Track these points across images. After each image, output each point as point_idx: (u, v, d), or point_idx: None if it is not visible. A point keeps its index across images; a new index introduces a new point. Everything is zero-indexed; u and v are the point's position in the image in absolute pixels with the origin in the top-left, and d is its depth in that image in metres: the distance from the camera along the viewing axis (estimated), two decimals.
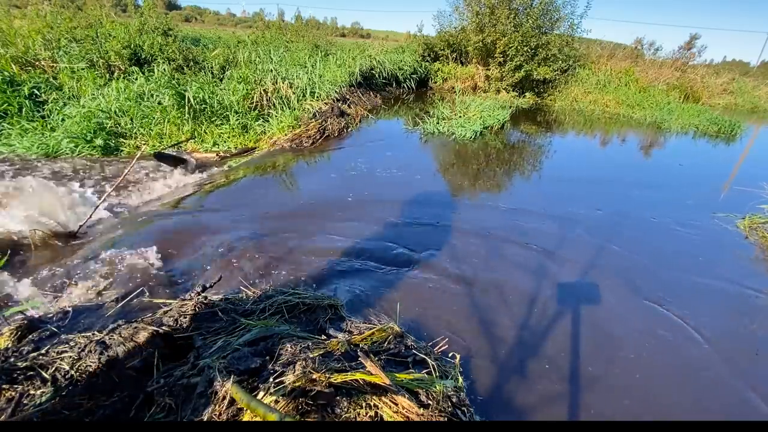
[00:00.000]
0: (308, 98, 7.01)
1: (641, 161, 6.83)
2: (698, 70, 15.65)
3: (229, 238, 3.12)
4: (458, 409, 1.54)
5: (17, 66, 5.81)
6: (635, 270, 3.12)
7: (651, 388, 2.03)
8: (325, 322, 2.11)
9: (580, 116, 10.65)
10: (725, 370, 2.20)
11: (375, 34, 49.88)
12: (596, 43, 15.57)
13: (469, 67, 12.95)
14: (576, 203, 4.39)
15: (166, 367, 1.61)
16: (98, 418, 1.34)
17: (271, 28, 13.21)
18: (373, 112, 8.66)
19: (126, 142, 5.22)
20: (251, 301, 2.19)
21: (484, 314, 2.47)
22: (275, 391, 1.31)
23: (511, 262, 3.09)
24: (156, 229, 3.18)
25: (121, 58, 6.53)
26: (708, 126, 10.17)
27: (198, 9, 58.85)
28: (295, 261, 2.88)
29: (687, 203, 4.74)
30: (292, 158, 5.42)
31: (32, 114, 5.32)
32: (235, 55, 8.09)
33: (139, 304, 2.27)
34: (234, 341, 1.73)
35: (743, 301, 2.88)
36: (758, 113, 15.36)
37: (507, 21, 11.24)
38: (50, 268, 2.62)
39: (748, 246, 3.74)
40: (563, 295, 2.72)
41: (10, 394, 1.29)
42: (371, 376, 1.40)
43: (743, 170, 6.63)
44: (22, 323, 1.83)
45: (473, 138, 7.00)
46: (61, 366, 1.43)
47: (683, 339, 2.41)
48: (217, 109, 5.95)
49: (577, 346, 2.26)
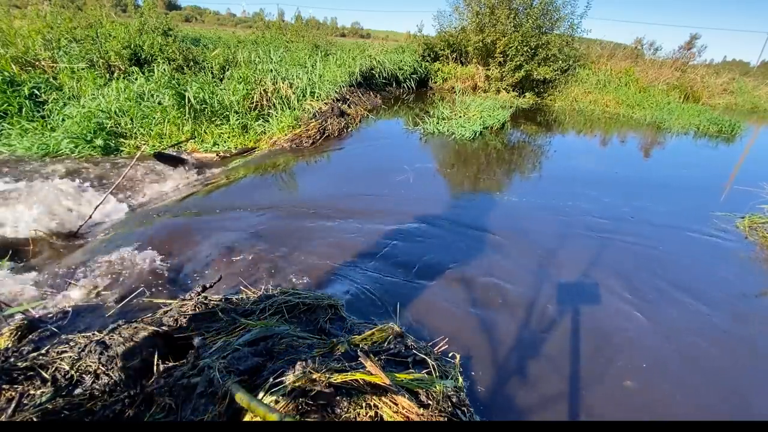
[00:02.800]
0: (308, 98, 7.01)
1: (641, 161, 6.83)
2: (698, 70, 15.62)
3: (230, 238, 3.12)
4: (458, 409, 1.54)
5: (17, 66, 5.81)
6: (634, 270, 3.12)
7: (651, 388, 2.03)
8: (325, 322, 2.11)
9: (580, 116, 10.65)
10: (725, 370, 2.20)
11: (375, 34, 49.91)
12: (596, 43, 15.56)
13: (469, 67, 12.94)
14: (576, 203, 4.39)
15: (166, 367, 1.61)
16: (98, 418, 1.34)
17: (271, 28, 13.22)
18: (373, 112, 8.66)
19: (126, 142, 5.22)
20: (251, 301, 2.20)
21: (484, 314, 2.47)
22: (275, 391, 1.31)
23: (511, 262, 3.09)
24: (156, 229, 3.18)
25: (121, 58, 6.53)
26: (708, 126, 10.17)
27: (198, 9, 58.91)
28: (295, 261, 2.88)
29: (687, 203, 4.74)
30: (292, 158, 5.42)
31: (32, 114, 5.32)
32: (235, 55, 8.09)
33: (139, 304, 2.27)
34: (234, 341, 1.73)
35: (743, 302, 2.88)
36: (758, 113, 15.35)
37: (507, 21, 11.24)
38: (50, 268, 2.63)
39: (748, 246, 3.74)
40: (563, 295, 2.72)
41: (10, 394, 1.29)
42: (371, 376, 1.40)
43: (743, 170, 6.63)
44: (22, 323, 1.83)
45: (473, 138, 7.00)
46: (61, 366, 1.43)
47: (683, 339, 2.41)
48: (217, 109, 5.95)
49: (576, 346, 2.26)
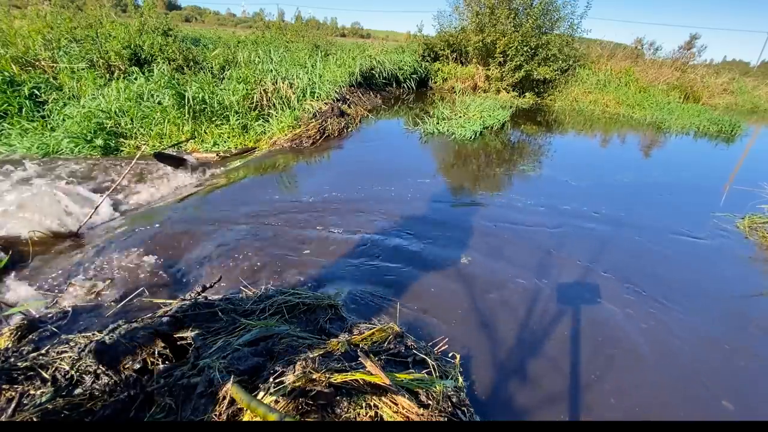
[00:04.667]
0: (308, 98, 7.00)
1: (641, 161, 6.83)
2: (698, 70, 15.63)
3: (230, 238, 3.12)
4: (458, 409, 1.54)
5: (17, 66, 5.81)
6: (634, 270, 3.11)
7: (651, 388, 2.03)
8: (325, 322, 2.11)
9: (580, 116, 10.64)
10: (724, 370, 2.20)
11: (375, 34, 49.92)
12: (596, 43, 15.55)
13: (469, 67, 12.94)
14: (576, 203, 4.39)
15: (166, 367, 1.61)
16: (98, 418, 1.34)
17: (271, 28, 13.22)
18: (373, 112, 8.66)
19: (126, 142, 5.22)
20: (251, 301, 2.20)
21: (484, 314, 2.47)
22: (275, 391, 1.31)
23: (511, 262, 3.09)
24: (156, 230, 3.18)
25: (121, 58, 6.53)
26: (708, 126, 10.17)
27: (198, 9, 58.93)
28: (295, 261, 2.88)
29: (687, 203, 4.74)
30: (292, 158, 5.42)
31: (32, 114, 5.32)
32: (235, 55, 8.09)
33: (139, 304, 2.27)
34: (234, 341, 1.73)
35: (743, 302, 2.88)
36: (758, 113, 15.35)
37: (507, 21, 11.24)
38: (50, 268, 2.63)
39: (748, 246, 3.74)
40: (563, 295, 2.72)
41: (10, 394, 1.29)
42: (371, 376, 1.40)
43: (743, 170, 6.62)
44: (22, 323, 1.83)
45: (473, 138, 7.00)
46: (61, 366, 1.43)
47: (682, 339, 2.41)
48: (217, 109, 5.95)
49: (577, 346, 2.26)
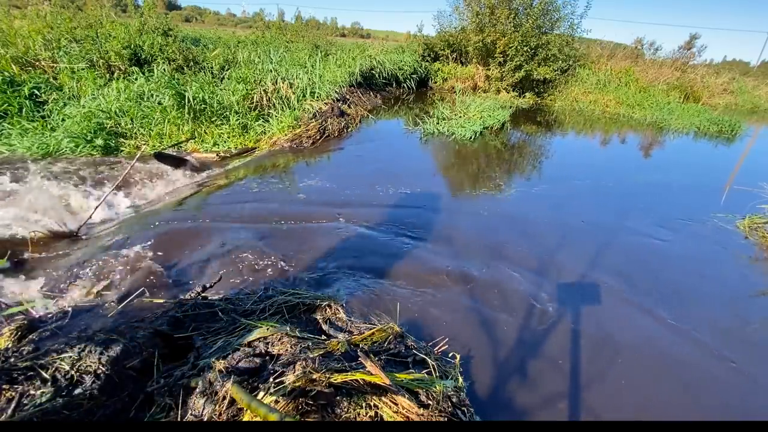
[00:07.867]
0: (308, 98, 7.00)
1: (641, 161, 6.83)
2: (698, 70, 15.64)
3: (229, 238, 3.12)
4: (458, 409, 1.54)
5: (17, 66, 5.81)
6: (635, 270, 3.11)
7: (650, 388, 2.03)
8: (325, 322, 2.11)
9: (580, 116, 10.64)
10: (724, 370, 2.20)
11: (375, 35, 49.96)
12: (596, 43, 15.57)
13: (469, 67, 12.94)
14: (576, 203, 4.39)
15: (166, 367, 1.61)
16: (98, 418, 1.34)
17: (271, 29, 13.21)
18: (373, 112, 8.66)
19: (126, 142, 5.22)
20: (251, 301, 2.20)
21: (484, 314, 2.47)
22: (275, 391, 1.31)
23: (511, 262, 3.09)
24: (156, 230, 3.18)
25: (121, 59, 6.52)
26: (708, 126, 10.16)
27: (198, 9, 58.92)
28: (295, 261, 2.88)
29: (687, 203, 4.74)
30: (292, 158, 5.42)
31: (32, 114, 5.32)
32: (235, 55, 8.09)
33: (139, 304, 2.27)
34: (234, 341, 1.73)
35: (743, 302, 2.88)
36: (758, 113, 15.36)
37: (507, 21, 11.25)
38: (50, 268, 2.63)
39: (748, 246, 3.74)
40: (563, 296, 2.72)
41: (10, 394, 1.29)
42: (371, 376, 1.40)
43: (743, 170, 6.61)
44: (22, 323, 1.83)
45: (473, 138, 7.00)
46: (61, 366, 1.43)
47: (682, 340, 2.41)
48: (217, 109, 5.95)
49: (577, 347, 2.26)
